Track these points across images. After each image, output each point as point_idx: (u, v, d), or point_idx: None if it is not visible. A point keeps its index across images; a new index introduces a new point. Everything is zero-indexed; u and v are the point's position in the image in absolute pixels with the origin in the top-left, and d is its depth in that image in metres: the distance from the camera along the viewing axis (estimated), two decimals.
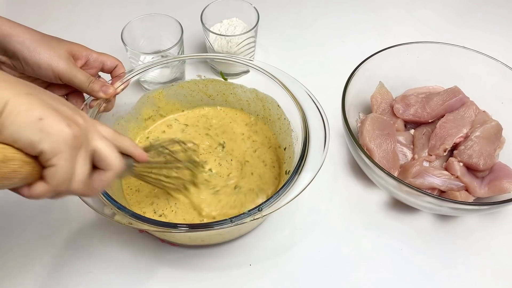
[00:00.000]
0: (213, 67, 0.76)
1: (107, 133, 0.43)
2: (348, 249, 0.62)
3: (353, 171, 0.70)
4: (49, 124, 0.35)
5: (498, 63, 0.70)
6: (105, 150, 0.40)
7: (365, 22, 0.94)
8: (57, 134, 0.35)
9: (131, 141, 0.47)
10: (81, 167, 0.38)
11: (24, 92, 0.35)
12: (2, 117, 0.34)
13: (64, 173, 0.37)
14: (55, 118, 0.35)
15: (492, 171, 0.64)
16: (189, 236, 0.57)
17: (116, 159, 0.42)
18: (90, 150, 0.39)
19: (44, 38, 0.57)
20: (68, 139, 0.36)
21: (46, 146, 0.35)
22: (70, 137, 0.36)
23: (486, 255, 0.62)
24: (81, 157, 0.38)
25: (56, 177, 0.36)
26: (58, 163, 0.36)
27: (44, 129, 0.35)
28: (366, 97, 0.72)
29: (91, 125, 0.40)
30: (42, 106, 0.35)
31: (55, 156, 0.36)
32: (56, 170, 0.36)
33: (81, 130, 0.38)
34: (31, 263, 0.59)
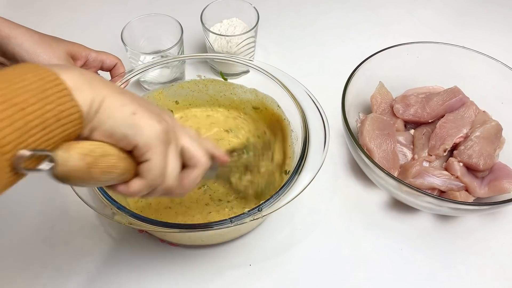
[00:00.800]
0: (213, 67, 0.76)
1: (192, 133, 0.44)
2: (348, 249, 0.62)
3: (353, 171, 0.70)
4: (142, 118, 0.37)
5: (498, 63, 0.70)
6: (193, 147, 0.42)
7: (365, 22, 0.94)
8: (149, 128, 0.37)
9: (213, 143, 0.47)
10: (173, 162, 0.39)
11: (118, 91, 0.37)
12: (100, 112, 0.35)
13: (158, 167, 0.38)
14: (146, 113, 0.37)
15: (492, 171, 0.64)
16: (188, 236, 0.57)
17: (203, 156, 0.43)
18: (179, 146, 0.41)
19: (43, 39, 0.57)
20: (159, 134, 0.37)
21: (140, 140, 0.37)
22: (161, 132, 0.37)
23: (486, 255, 0.62)
24: (172, 152, 0.39)
25: (151, 171, 0.38)
26: (152, 157, 0.37)
27: (137, 124, 0.37)
28: (366, 97, 0.72)
29: (177, 124, 0.42)
30: (134, 103, 0.37)
31: (149, 151, 0.37)
32: (150, 164, 0.38)
33: (170, 127, 0.39)
34: (31, 263, 0.59)
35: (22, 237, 0.61)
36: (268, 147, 0.61)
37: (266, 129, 0.69)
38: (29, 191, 0.65)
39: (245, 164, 0.56)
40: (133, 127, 0.36)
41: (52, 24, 0.89)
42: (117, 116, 0.36)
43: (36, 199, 0.65)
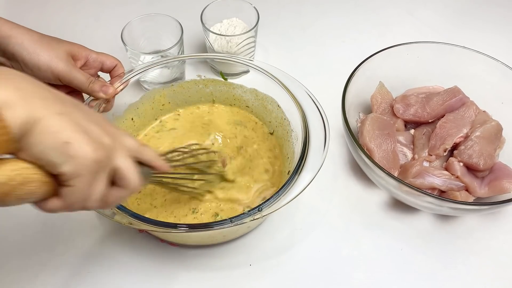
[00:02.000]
0: (213, 67, 0.76)
1: (132, 145, 0.43)
2: (348, 249, 0.62)
3: (353, 171, 0.70)
4: (75, 148, 0.35)
5: (498, 63, 0.70)
6: (126, 170, 0.41)
7: (365, 22, 0.94)
8: (81, 159, 0.35)
9: (154, 153, 0.46)
10: (98, 188, 0.38)
11: (57, 112, 0.35)
12: (33, 136, 0.34)
13: (80, 194, 0.37)
14: (82, 141, 0.36)
15: (492, 171, 0.64)
16: (188, 236, 0.57)
17: (135, 179, 0.42)
18: (111, 169, 0.39)
19: (43, 39, 0.57)
20: (90, 164, 0.36)
21: (67, 169, 0.35)
22: (93, 162, 0.36)
23: (486, 255, 0.62)
24: (100, 179, 0.38)
25: (72, 196, 0.37)
26: (76, 185, 0.36)
27: (69, 153, 0.35)
28: (366, 97, 0.72)
29: (118, 142, 0.40)
30: (71, 128, 0.35)
31: (75, 179, 0.36)
32: (72, 191, 0.37)
33: (106, 152, 0.38)
34: (31, 263, 0.59)
35: (22, 237, 0.61)
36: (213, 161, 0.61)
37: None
38: None
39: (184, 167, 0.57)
40: (63, 157, 0.35)
41: (52, 25, 0.89)
42: (48, 143, 0.34)
43: None
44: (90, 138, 0.36)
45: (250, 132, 0.69)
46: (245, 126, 0.70)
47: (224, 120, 0.70)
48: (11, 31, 0.55)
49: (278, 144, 0.68)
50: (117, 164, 0.40)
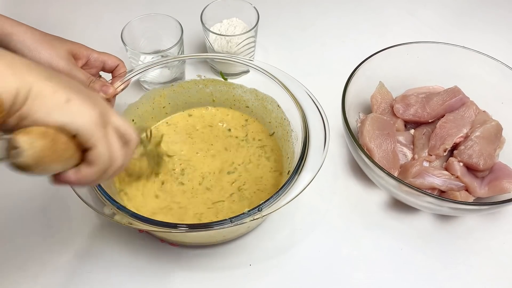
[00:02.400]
0: (213, 67, 0.76)
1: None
2: (348, 249, 0.62)
3: (353, 171, 0.70)
4: (76, 105, 0.35)
5: (498, 63, 0.70)
6: (124, 124, 0.41)
7: (365, 22, 0.94)
8: (86, 114, 0.36)
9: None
10: (116, 143, 0.39)
11: (45, 76, 0.35)
12: (28, 102, 0.33)
13: (106, 152, 0.37)
14: (80, 98, 0.36)
15: (492, 171, 0.64)
16: (188, 236, 0.57)
17: (133, 131, 0.43)
18: (113, 126, 0.40)
19: (45, 37, 0.57)
20: (97, 118, 0.36)
21: (80, 127, 0.35)
22: (98, 116, 0.36)
23: (486, 255, 0.62)
24: (112, 133, 0.39)
25: (100, 157, 0.37)
26: (97, 144, 0.37)
27: (73, 111, 0.35)
28: (366, 97, 0.72)
29: (105, 105, 0.40)
30: (65, 88, 0.35)
31: (92, 137, 0.36)
32: (98, 151, 0.37)
33: (101, 110, 0.38)
34: (31, 264, 0.59)
35: (22, 237, 0.61)
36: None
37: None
38: (28, 190, 0.65)
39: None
40: (69, 115, 0.35)
41: (53, 24, 0.89)
42: (50, 104, 0.34)
43: (35, 199, 0.65)
44: (86, 96, 0.36)
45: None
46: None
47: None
48: (13, 29, 0.55)
49: (278, 144, 0.68)
50: (115, 122, 0.40)
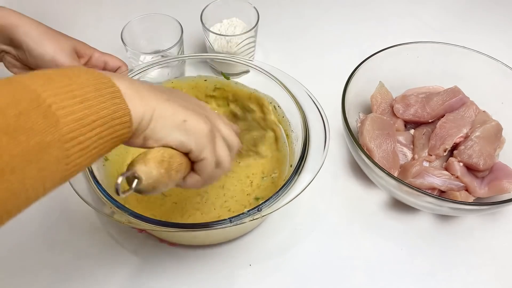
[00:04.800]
0: (213, 67, 0.76)
1: (223, 118, 0.48)
2: (348, 249, 0.62)
3: (353, 171, 0.70)
4: (192, 124, 0.40)
5: (498, 63, 0.70)
6: (229, 133, 0.46)
7: (365, 22, 0.94)
8: (200, 132, 0.40)
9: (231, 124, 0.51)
10: (224, 152, 0.44)
11: (165, 99, 0.39)
12: (153, 122, 0.38)
13: (212, 163, 0.42)
14: (194, 117, 0.40)
15: (492, 171, 0.64)
16: (188, 236, 0.57)
17: (236, 138, 0.48)
18: (221, 136, 0.44)
19: (50, 31, 0.58)
20: (208, 134, 0.41)
21: (193, 144, 0.40)
22: (209, 132, 0.41)
23: (486, 255, 0.62)
24: (220, 144, 0.43)
25: (207, 168, 0.42)
26: (207, 157, 0.41)
27: (190, 129, 0.40)
28: (366, 97, 0.72)
29: (214, 115, 0.45)
30: (182, 109, 0.40)
31: (203, 151, 0.41)
32: (206, 163, 0.42)
33: (212, 122, 0.43)
34: (30, 264, 0.59)
35: (22, 237, 0.61)
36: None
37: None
38: None
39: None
40: (186, 133, 0.39)
41: (53, 24, 0.89)
42: (170, 125, 0.39)
43: None
44: (197, 114, 0.41)
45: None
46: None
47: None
48: (20, 21, 0.56)
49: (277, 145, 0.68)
50: (221, 131, 0.45)
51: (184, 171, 0.42)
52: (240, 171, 0.65)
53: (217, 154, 0.43)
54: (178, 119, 0.39)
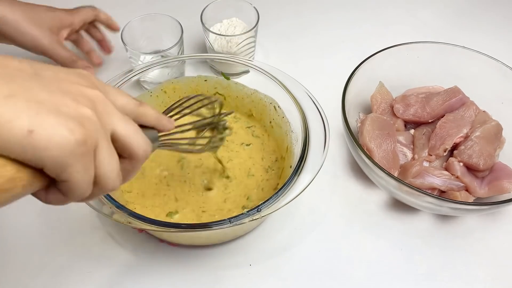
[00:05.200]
0: (213, 67, 0.76)
1: (127, 105, 0.35)
2: (348, 249, 0.62)
3: (353, 171, 0.70)
4: (43, 135, 0.26)
5: (498, 63, 0.70)
6: (127, 136, 0.32)
7: (365, 22, 0.94)
8: (57, 146, 0.27)
9: (154, 110, 0.38)
10: (107, 167, 0.31)
11: (5, 95, 0.26)
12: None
13: (82, 185, 0.30)
14: (50, 124, 0.27)
15: (492, 171, 0.64)
16: (188, 236, 0.57)
17: (142, 144, 0.34)
18: (109, 134, 0.31)
19: (28, 14, 0.60)
20: (74, 149, 0.28)
21: (48, 163, 0.27)
22: (76, 145, 0.28)
23: (486, 255, 0.62)
24: (102, 156, 0.30)
25: (74, 191, 0.30)
26: (71, 178, 0.29)
27: (38, 144, 0.26)
28: (366, 97, 0.72)
29: (105, 105, 0.31)
30: (29, 111, 0.27)
31: (64, 171, 0.28)
32: (70, 185, 0.29)
33: (91, 124, 0.29)
34: (31, 263, 0.59)
35: (22, 237, 0.61)
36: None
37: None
38: None
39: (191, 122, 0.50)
40: (32, 150, 0.26)
41: None
42: (5, 138, 0.26)
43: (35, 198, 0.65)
44: (61, 116, 0.27)
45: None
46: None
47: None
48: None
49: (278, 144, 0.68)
50: (116, 129, 0.32)
51: (27, 186, 0.29)
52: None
53: (96, 172, 0.30)
54: (19, 128, 0.26)
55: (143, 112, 0.36)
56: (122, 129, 0.32)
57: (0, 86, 0.27)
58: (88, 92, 0.31)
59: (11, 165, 0.27)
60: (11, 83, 0.27)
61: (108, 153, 0.31)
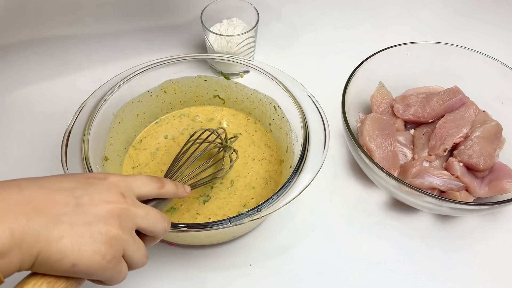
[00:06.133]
0: (212, 67, 0.76)
1: (150, 191, 0.43)
2: (348, 249, 0.62)
3: (353, 171, 0.70)
4: (83, 266, 0.34)
5: (498, 63, 0.70)
6: (149, 227, 0.40)
7: (365, 22, 0.94)
8: (93, 269, 0.35)
9: (172, 185, 0.46)
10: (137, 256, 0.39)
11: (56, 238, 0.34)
12: (35, 266, 0.34)
13: (117, 281, 0.38)
14: (88, 256, 0.34)
15: (492, 171, 0.64)
16: (188, 236, 0.57)
17: (161, 227, 0.42)
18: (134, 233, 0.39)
19: None
20: (105, 266, 0.36)
21: (88, 278, 0.36)
22: (107, 263, 0.36)
23: (486, 255, 0.62)
24: (129, 252, 0.38)
25: (112, 284, 0.38)
26: (107, 281, 0.37)
27: (79, 272, 0.34)
28: (366, 97, 0.72)
29: (128, 215, 0.38)
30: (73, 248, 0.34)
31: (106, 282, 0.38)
32: (108, 282, 0.38)
33: (118, 242, 0.37)
34: None
35: None
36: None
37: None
38: None
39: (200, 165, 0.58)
40: (76, 275, 0.35)
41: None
42: (56, 270, 0.34)
43: None
44: (96, 244, 0.35)
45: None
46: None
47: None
48: None
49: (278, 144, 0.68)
50: (140, 224, 0.39)
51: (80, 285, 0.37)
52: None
53: (127, 262, 0.39)
54: (66, 264, 0.34)
55: (164, 193, 0.44)
56: (145, 225, 0.40)
57: (53, 229, 0.34)
58: (115, 211, 0.37)
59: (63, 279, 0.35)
60: (60, 225, 0.34)
61: (134, 249, 0.39)
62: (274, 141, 0.68)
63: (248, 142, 0.68)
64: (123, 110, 0.65)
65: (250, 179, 0.64)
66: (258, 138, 0.69)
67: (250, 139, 0.69)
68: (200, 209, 0.61)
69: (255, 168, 0.65)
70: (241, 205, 0.61)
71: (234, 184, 0.63)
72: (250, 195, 0.62)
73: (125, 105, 0.65)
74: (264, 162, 0.66)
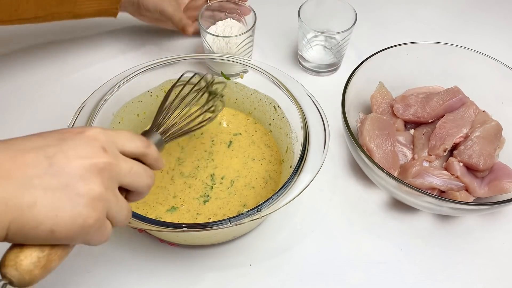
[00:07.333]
0: (211, 68, 0.76)
1: (135, 149, 0.40)
2: (348, 249, 0.62)
3: (353, 171, 0.70)
4: (63, 231, 0.32)
5: (498, 63, 0.70)
6: (132, 183, 0.38)
7: (365, 22, 0.94)
8: (76, 234, 0.33)
9: (156, 152, 0.43)
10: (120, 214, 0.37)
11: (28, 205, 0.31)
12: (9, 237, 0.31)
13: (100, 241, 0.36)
14: (67, 220, 0.32)
15: (492, 171, 0.64)
16: (188, 236, 0.57)
17: (145, 182, 0.39)
18: (116, 190, 0.36)
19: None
20: (88, 230, 0.33)
21: (71, 244, 0.34)
22: (89, 227, 0.33)
23: (486, 255, 0.62)
24: (112, 211, 0.35)
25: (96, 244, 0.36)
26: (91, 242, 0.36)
27: (60, 238, 0.32)
28: (366, 97, 0.72)
29: (110, 170, 0.35)
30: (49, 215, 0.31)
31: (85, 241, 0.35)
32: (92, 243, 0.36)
33: (100, 202, 0.34)
34: None
35: None
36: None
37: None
38: None
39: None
40: (57, 241, 0.33)
41: None
42: (34, 239, 0.31)
43: None
44: (76, 207, 0.32)
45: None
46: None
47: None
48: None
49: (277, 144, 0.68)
50: (121, 183, 0.37)
51: (62, 257, 0.35)
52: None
53: (111, 220, 0.36)
54: (43, 230, 0.31)
55: (149, 153, 0.41)
56: (129, 181, 0.37)
57: (23, 195, 0.31)
58: (96, 167, 0.34)
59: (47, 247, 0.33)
60: (31, 189, 0.31)
61: (118, 209, 0.36)
62: (274, 141, 0.69)
63: (248, 142, 0.69)
64: (123, 110, 0.65)
65: (250, 179, 0.64)
66: (258, 138, 0.69)
67: (250, 139, 0.69)
68: (200, 209, 0.61)
69: (255, 168, 0.65)
70: (241, 205, 0.61)
71: (234, 184, 0.63)
72: (250, 195, 0.62)
73: (125, 105, 0.65)
74: (264, 162, 0.66)
